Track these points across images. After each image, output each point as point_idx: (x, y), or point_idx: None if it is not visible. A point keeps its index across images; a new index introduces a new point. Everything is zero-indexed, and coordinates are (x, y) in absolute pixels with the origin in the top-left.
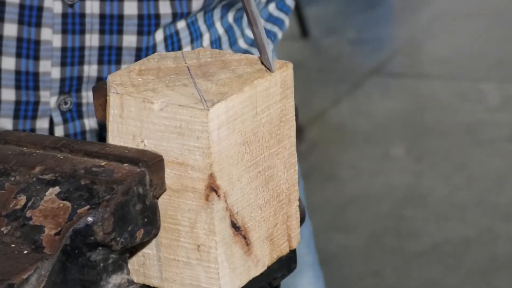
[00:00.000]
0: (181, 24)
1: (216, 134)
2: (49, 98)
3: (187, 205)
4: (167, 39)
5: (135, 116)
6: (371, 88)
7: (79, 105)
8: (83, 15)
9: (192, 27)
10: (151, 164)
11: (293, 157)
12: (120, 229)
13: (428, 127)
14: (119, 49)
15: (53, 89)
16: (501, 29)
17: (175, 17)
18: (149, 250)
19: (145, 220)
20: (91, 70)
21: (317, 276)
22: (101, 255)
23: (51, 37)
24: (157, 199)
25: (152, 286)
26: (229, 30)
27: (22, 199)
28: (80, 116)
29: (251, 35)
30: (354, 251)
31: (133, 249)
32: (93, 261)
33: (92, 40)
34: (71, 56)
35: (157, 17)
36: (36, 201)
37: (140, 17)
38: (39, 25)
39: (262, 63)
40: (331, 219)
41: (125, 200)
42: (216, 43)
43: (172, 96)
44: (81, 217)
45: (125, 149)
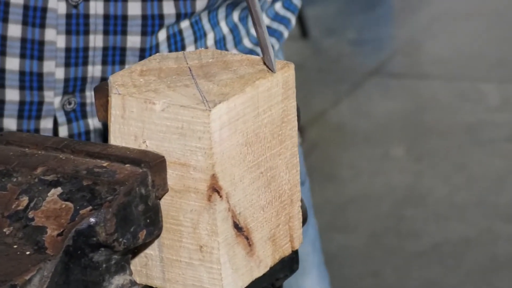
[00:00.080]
0: (184, 23)
1: (218, 134)
2: (53, 98)
3: (189, 205)
4: (170, 39)
5: (137, 116)
6: (371, 88)
7: (83, 105)
8: (87, 16)
9: (195, 26)
10: (153, 164)
11: (295, 157)
12: (122, 230)
13: (428, 127)
14: (123, 49)
15: (57, 89)
16: (501, 29)
17: (179, 17)
18: (151, 251)
19: (148, 221)
20: (95, 70)
21: (322, 276)
22: (104, 256)
23: (55, 38)
24: (159, 200)
25: (154, 287)
26: (234, 29)
27: (24, 200)
28: (84, 116)
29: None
30: (354, 251)
31: (136, 250)
32: (96, 262)
33: (96, 40)
34: (75, 56)
35: (161, 17)
36: (38, 202)
37: (144, 18)
38: (43, 26)
39: (264, 64)
40: (331, 219)
41: (127, 201)
42: (220, 42)
43: (173, 96)
44: (83, 218)
45: (127, 150)
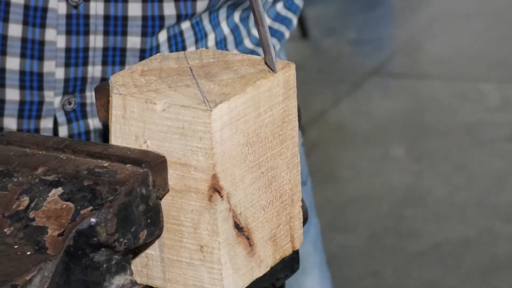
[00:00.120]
0: (185, 24)
1: (219, 134)
2: (53, 98)
3: (190, 206)
4: (170, 39)
5: (138, 116)
6: (371, 88)
7: (83, 105)
8: (87, 16)
9: (196, 27)
10: (154, 164)
11: (296, 157)
12: (123, 230)
13: (428, 127)
14: (123, 50)
15: (57, 89)
16: (501, 29)
17: (180, 18)
18: (152, 251)
19: (148, 221)
20: (95, 71)
21: (324, 276)
22: (104, 256)
23: (56, 38)
24: (160, 200)
25: (155, 287)
26: (235, 30)
27: (25, 200)
28: (84, 116)
29: (257, 35)
30: (354, 251)
31: (136, 250)
32: (96, 262)
33: (96, 41)
34: (75, 57)
35: (161, 18)
36: (39, 202)
37: (144, 18)
38: (43, 26)
39: (265, 63)
40: (331, 219)
41: (128, 201)
42: (221, 43)
43: (174, 96)
44: (84, 218)
45: (127, 150)
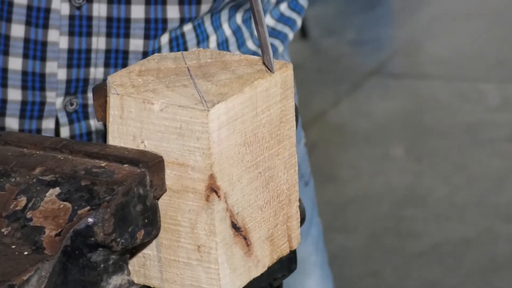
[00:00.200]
0: (187, 26)
1: (216, 134)
2: (55, 99)
3: (188, 205)
4: (172, 42)
5: (135, 117)
6: (371, 88)
7: (85, 106)
8: (90, 18)
9: (198, 29)
10: (151, 165)
11: (293, 157)
12: (120, 230)
13: (428, 127)
14: (126, 52)
15: (59, 90)
16: (501, 29)
17: (183, 22)
18: (149, 251)
19: (146, 221)
20: (97, 72)
21: (325, 276)
22: (102, 256)
23: (58, 39)
24: (158, 200)
25: (152, 287)
26: (237, 31)
27: (22, 200)
28: (86, 117)
29: None
30: (354, 251)
31: (134, 250)
32: (94, 262)
33: (98, 43)
34: (78, 58)
35: (164, 21)
36: (36, 202)
37: (147, 21)
38: (46, 27)
39: (262, 64)
40: (331, 219)
41: (126, 201)
42: (223, 45)
43: (172, 96)
44: (81, 218)
45: (125, 150)
